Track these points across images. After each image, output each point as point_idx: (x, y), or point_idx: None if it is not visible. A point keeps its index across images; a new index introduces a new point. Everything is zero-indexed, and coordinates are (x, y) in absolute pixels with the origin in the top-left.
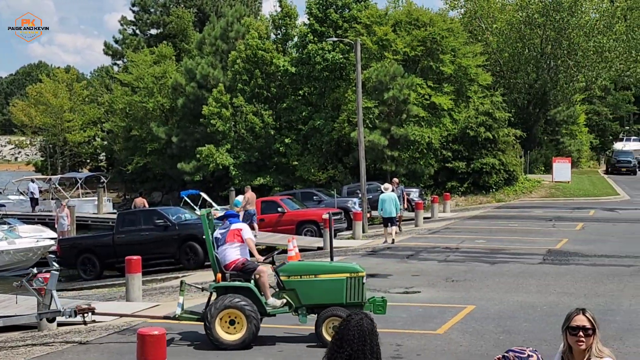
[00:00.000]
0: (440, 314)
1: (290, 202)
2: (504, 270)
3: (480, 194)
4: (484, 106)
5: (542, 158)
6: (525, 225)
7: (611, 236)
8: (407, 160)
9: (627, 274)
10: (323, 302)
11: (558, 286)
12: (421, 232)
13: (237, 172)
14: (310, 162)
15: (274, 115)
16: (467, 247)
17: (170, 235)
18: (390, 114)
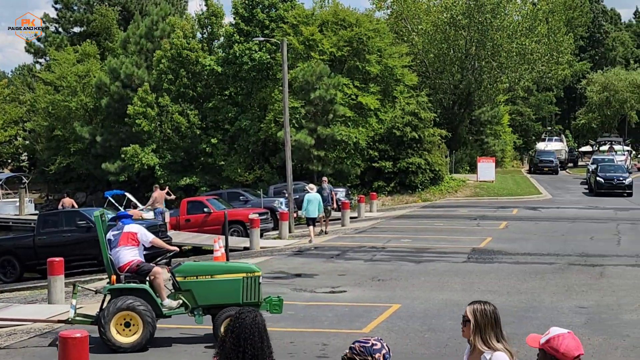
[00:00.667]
0: (366, 313)
1: (216, 202)
2: (429, 269)
3: (406, 194)
4: (409, 106)
5: (467, 158)
6: (450, 224)
7: (533, 234)
8: (333, 160)
9: (549, 272)
10: (220, 303)
11: (482, 284)
12: (348, 232)
13: (162, 172)
14: (236, 162)
15: (200, 115)
16: (393, 246)
17: (92, 237)
18: (317, 114)
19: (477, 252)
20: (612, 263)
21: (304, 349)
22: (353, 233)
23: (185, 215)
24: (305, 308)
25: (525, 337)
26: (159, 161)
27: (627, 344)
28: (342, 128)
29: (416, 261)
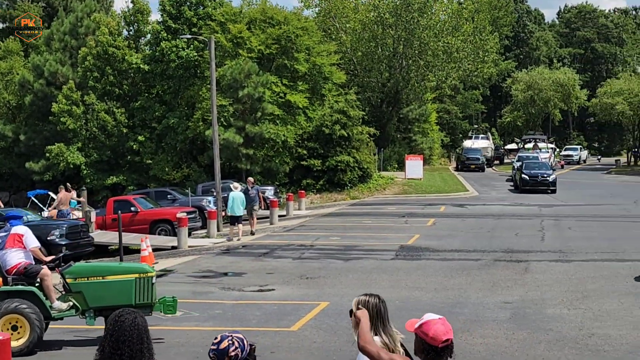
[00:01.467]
0: (295, 311)
1: (143, 201)
2: (357, 266)
3: (335, 192)
4: (338, 104)
5: (395, 155)
6: (378, 221)
7: (460, 231)
8: (262, 159)
9: (475, 268)
10: (112, 304)
11: (409, 281)
12: (276, 230)
13: (88, 171)
14: (164, 160)
15: (126, 114)
16: (322, 244)
17: None
18: (245, 112)
19: (405, 249)
20: (536, 259)
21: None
22: (281, 231)
23: (112, 215)
24: (234, 307)
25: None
26: (85, 160)
27: (550, 337)
28: (271, 126)
29: (344, 259)
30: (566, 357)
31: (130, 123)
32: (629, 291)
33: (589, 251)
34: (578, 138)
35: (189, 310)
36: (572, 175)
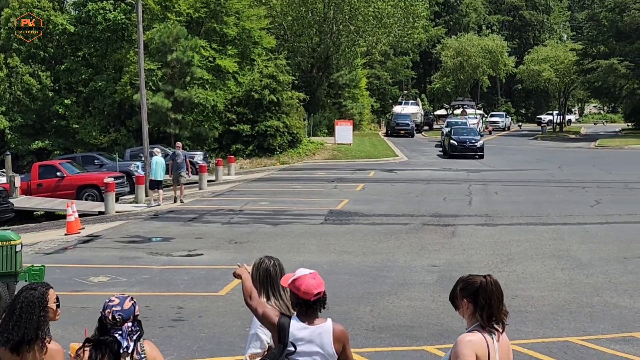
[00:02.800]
0: (223, 275)
1: (70, 166)
2: (286, 231)
3: (264, 157)
4: (268, 69)
5: (325, 121)
6: (308, 186)
7: (389, 196)
8: (191, 123)
9: (404, 232)
10: None
11: (338, 245)
12: (205, 195)
13: (13, 135)
14: (91, 125)
15: (52, 77)
16: (251, 209)
17: None
18: (174, 77)
19: (334, 214)
20: (464, 223)
21: (159, 313)
22: (211, 196)
23: (37, 180)
24: (161, 272)
25: (379, 295)
26: (9, 124)
27: None
28: (200, 91)
29: (273, 223)
30: None
31: (55, 86)
32: (552, 254)
33: (514, 215)
34: (506, 104)
35: (115, 276)
36: (499, 141)
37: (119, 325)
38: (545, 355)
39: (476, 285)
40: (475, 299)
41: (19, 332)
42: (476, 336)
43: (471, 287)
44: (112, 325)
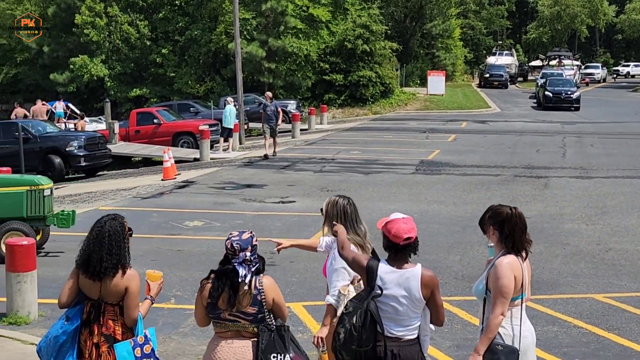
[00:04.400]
0: (314, 222)
1: (166, 114)
2: (377, 180)
3: (356, 106)
4: (361, 19)
5: (418, 71)
6: (399, 136)
7: (481, 147)
8: (284, 73)
9: (495, 183)
10: (3, 216)
11: (429, 195)
12: (298, 144)
13: (112, 83)
14: (187, 73)
15: (150, 26)
16: (343, 158)
17: (31, 148)
18: (268, 26)
19: (425, 164)
20: (557, 175)
21: None
22: (303, 145)
23: (135, 127)
24: (255, 218)
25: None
26: (109, 72)
27: (566, 252)
28: (294, 40)
29: (365, 172)
30: (582, 271)
31: (153, 35)
32: None
33: (610, 168)
34: (604, 55)
35: (210, 221)
36: (596, 93)
37: (237, 254)
38: (639, 309)
39: (502, 216)
40: (501, 228)
41: (112, 260)
42: (512, 258)
43: (498, 217)
44: (232, 254)
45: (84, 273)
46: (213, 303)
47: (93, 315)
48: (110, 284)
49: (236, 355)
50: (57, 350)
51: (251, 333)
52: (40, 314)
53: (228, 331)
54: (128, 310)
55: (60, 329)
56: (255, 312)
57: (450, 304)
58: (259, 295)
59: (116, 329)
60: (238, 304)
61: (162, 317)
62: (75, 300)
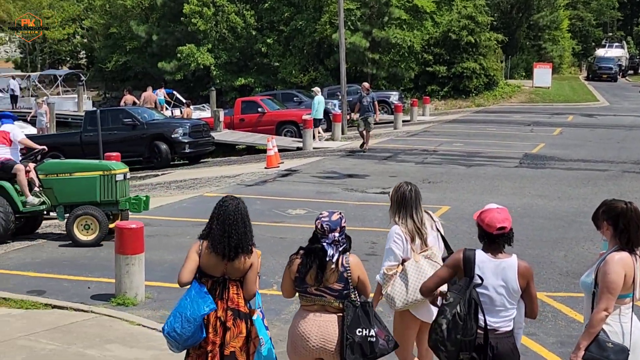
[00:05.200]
0: None
1: (270, 103)
2: (480, 172)
3: (459, 98)
4: (466, 10)
5: (523, 63)
6: (503, 129)
7: (588, 141)
8: (387, 63)
9: (602, 178)
10: (78, 201)
11: (533, 188)
12: (399, 135)
13: (218, 72)
14: (291, 63)
15: (255, 16)
16: (445, 150)
17: (137, 134)
18: (372, 16)
19: (529, 157)
20: None
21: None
22: (405, 136)
23: (240, 115)
24: (356, 207)
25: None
26: (215, 61)
27: None
28: (397, 31)
29: (467, 165)
30: None
31: (258, 25)
32: None
33: None
34: None
35: (312, 209)
36: None
37: (326, 234)
38: None
39: (617, 210)
40: (615, 223)
41: (249, 240)
42: (624, 254)
43: (612, 211)
44: (321, 234)
45: (217, 252)
46: (301, 278)
47: (218, 292)
48: (241, 262)
49: (320, 328)
50: (197, 327)
51: (336, 308)
52: (147, 295)
53: (314, 305)
54: (250, 285)
55: (207, 307)
56: (341, 289)
57: (554, 300)
58: (345, 272)
59: (239, 302)
60: (325, 280)
61: (264, 303)
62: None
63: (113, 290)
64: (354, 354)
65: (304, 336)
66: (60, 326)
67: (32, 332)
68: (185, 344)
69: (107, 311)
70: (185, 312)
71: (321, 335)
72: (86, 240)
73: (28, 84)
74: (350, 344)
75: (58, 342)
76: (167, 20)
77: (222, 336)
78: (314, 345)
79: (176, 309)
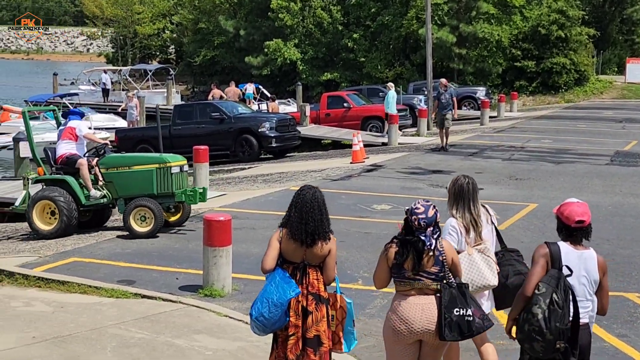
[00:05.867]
0: (503, 210)
1: (356, 98)
2: (569, 170)
3: (548, 94)
4: (557, 3)
5: (616, 58)
6: (593, 126)
7: None
8: (474, 59)
9: None
10: (136, 193)
11: (624, 187)
12: (486, 131)
13: (304, 67)
14: (377, 58)
15: (342, 11)
16: (533, 146)
17: (225, 129)
18: (460, 11)
19: (620, 155)
20: None
21: None
22: (492, 132)
23: (325, 110)
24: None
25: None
26: (301, 56)
27: None
28: (485, 26)
29: (555, 162)
30: None
31: (345, 20)
32: None
33: None
34: None
35: (397, 205)
36: None
37: (422, 230)
38: None
39: None
40: None
41: (327, 227)
42: None
43: None
44: (417, 228)
45: (296, 239)
46: (399, 264)
47: (298, 277)
48: (319, 248)
49: (423, 311)
50: (283, 311)
51: (433, 290)
52: (233, 287)
53: (412, 289)
54: (329, 271)
55: (292, 291)
56: (437, 271)
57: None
58: (440, 256)
59: (320, 287)
60: (422, 265)
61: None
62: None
63: (200, 281)
64: (452, 332)
65: (408, 320)
66: (149, 316)
67: (122, 320)
68: (273, 327)
69: (194, 302)
70: (272, 297)
71: (425, 317)
72: (142, 231)
73: (119, 78)
74: (448, 323)
75: (147, 331)
76: (255, 15)
77: (303, 320)
78: (419, 328)
79: (262, 295)
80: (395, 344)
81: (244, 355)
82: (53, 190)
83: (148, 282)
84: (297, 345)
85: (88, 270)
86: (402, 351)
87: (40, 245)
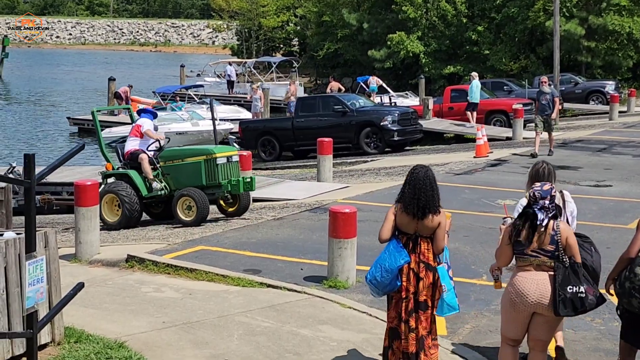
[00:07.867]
0: (633, 208)
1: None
2: None
3: None
4: None
5: None
6: None
7: None
8: (603, 52)
9: None
10: (188, 185)
11: None
12: (615, 126)
13: (427, 60)
14: (502, 51)
15: (466, 3)
16: None
17: (347, 121)
18: (589, 2)
19: None
20: None
21: None
22: (621, 127)
23: (449, 103)
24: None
25: None
26: (424, 49)
27: None
28: (616, 17)
29: None
30: None
31: (469, 13)
32: None
33: None
34: None
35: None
36: None
37: (537, 201)
38: None
39: None
40: None
41: (437, 201)
42: None
43: None
44: (533, 201)
45: (408, 212)
46: (518, 240)
47: (411, 247)
48: (429, 220)
49: (538, 286)
50: (394, 276)
51: (549, 267)
52: (357, 279)
53: (530, 265)
54: (439, 242)
55: (402, 260)
56: (553, 250)
57: None
58: (555, 235)
59: (429, 256)
60: (539, 242)
61: (473, 292)
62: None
63: (325, 272)
64: (566, 308)
65: (523, 293)
66: (274, 305)
67: (249, 309)
68: (385, 290)
69: (319, 293)
70: (384, 264)
71: (539, 291)
72: (187, 220)
73: (244, 70)
74: (562, 299)
75: (272, 320)
76: (378, 8)
77: (415, 285)
78: (532, 301)
79: (377, 261)
80: (510, 313)
81: (369, 347)
82: (118, 184)
83: (273, 271)
84: (409, 307)
85: (215, 259)
86: (515, 320)
87: (168, 233)
